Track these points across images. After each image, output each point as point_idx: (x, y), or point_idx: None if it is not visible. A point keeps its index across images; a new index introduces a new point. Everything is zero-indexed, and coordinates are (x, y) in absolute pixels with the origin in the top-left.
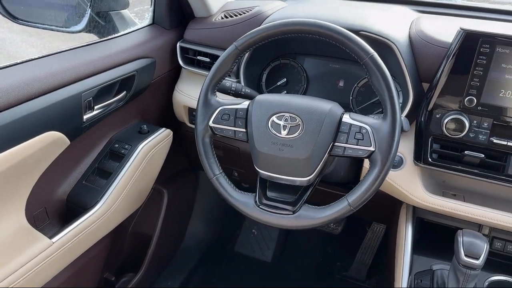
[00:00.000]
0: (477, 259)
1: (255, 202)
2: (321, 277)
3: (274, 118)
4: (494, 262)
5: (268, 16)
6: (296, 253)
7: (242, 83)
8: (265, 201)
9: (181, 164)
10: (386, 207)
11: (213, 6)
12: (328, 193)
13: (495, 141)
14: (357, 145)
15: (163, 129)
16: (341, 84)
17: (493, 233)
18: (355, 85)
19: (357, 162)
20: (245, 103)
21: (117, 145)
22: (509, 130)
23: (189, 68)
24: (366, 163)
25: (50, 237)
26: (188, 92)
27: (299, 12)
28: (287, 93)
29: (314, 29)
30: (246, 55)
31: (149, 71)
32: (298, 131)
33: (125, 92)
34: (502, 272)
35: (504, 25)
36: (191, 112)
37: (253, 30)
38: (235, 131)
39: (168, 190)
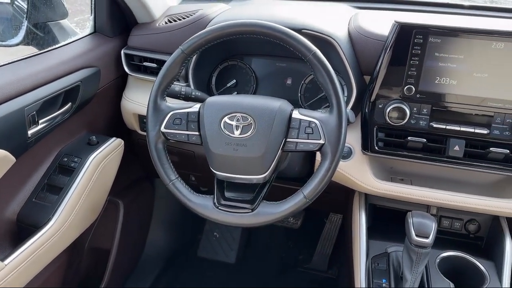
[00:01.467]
0: (427, 238)
1: (214, 203)
2: (285, 272)
3: (226, 119)
4: (444, 240)
5: (212, 19)
6: (259, 251)
7: (192, 87)
8: (223, 202)
9: (135, 173)
10: (340, 197)
11: (155, 11)
12: (286, 188)
13: (434, 125)
14: (308, 139)
15: (114, 138)
16: (289, 82)
17: (441, 213)
18: (302, 82)
19: (310, 156)
20: (196, 106)
21: (66, 159)
22: (447, 115)
23: (135, 75)
24: (318, 156)
25: (2, 260)
26: (136, 99)
27: (243, 14)
28: (237, 94)
29: (258, 30)
30: (194, 58)
31: (94, 81)
32: (251, 130)
33: (70, 103)
34: (452, 248)
35: (436, 16)
36: (142, 119)
37: (198, 33)
38: (188, 134)
39: (124, 201)
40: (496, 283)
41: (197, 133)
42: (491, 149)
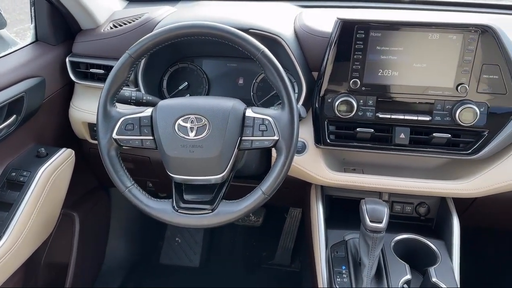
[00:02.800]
0: (381, 223)
1: (173, 207)
2: (249, 270)
3: (180, 121)
4: (397, 224)
5: (159, 22)
6: (223, 253)
7: (142, 91)
8: (183, 205)
9: (90, 184)
10: (298, 191)
11: (99, 16)
12: (245, 187)
13: (380, 116)
14: (263, 136)
15: (63, 149)
16: (241, 81)
17: (392, 198)
18: (254, 81)
19: (266, 153)
20: (148, 111)
21: (14, 174)
22: (392, 105)
23: (82, 83)
24: (274, 152)
25: None
26: (85, 107)
27: (190, 16)
28: (190, 96)
29: (206, 31)
30: (142, 62)
31: (39, 91)
32: (206, 131)
33: (15, 116)
34: (404, 231)
35: (376, 12)
36: (92, 127)
37: (145, 36)
38: (142, 140)
39: (79, 212)
40: (447, 261)
41: (151, 137)
42: (434, 134)
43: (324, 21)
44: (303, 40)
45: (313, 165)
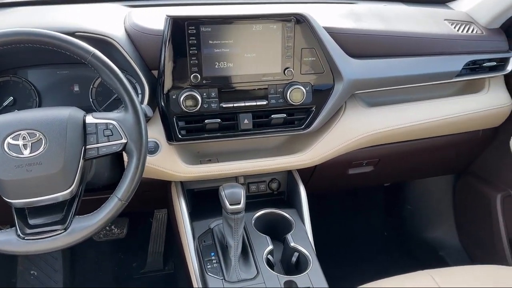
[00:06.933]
0: (239, 204)
1: (18, 235)
2: (122, 284)
3: (9, 140)
4: (255, 202)
5: None
6: (89, 274)
7: None
8: (29, 231)
9: None
10: (159, 191)
11: None
12: (101, 199)
13: (224, 105)
14: (109, 141)
15: None
16: (76, 88)
17: (248, 180)
18: (91, 86)
19: (117, 159)
20: None
21: None
22: (232, 94)
23: None
24: (126, 156)
25: None
26: None
27: (9, 23)
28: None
29: (25, 38)
30: None
31: None
32: (43, 146)
33: None
34: (262, 207)
35: (206, 8)
36: None
37: None
38: None
39: None
40: (300, 226)
41: None
42: (272, 116)
43: (155, 19)
44: (136, 40)
45: (169, 163)
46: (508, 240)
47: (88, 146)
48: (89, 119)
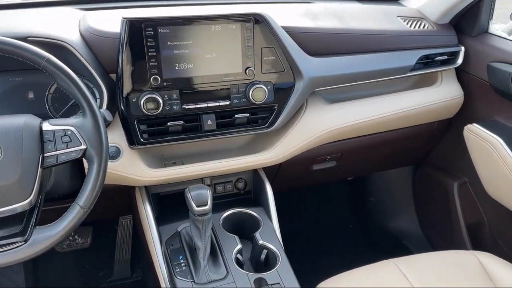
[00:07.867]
0: (206, 205)
1: None
2: None
3: None
4: (222, 203)
5: None
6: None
7: None
8: None
9: None
10: (123, 197)
11: None
12: (64, 208)
13: (186, 107)
14: (68, 148)
15: None
16: (31, 95)
17: (214, 181)
18: (47, 92)
19: (77, 166)
20: None
21: None
22: (194, 95)
23: None
24: (86, 163)
25: None
26: None
27: None
28: None
29: None
30: None
31: None
32: None
33: None
34: (229, 207)
35: (164, 9)
36: None
37: None
38: None
39: None
40: (268, 223)
41: None
42: (235, 116)
43: (111, 22)
44: (92, 43)
45: (132, 168)
46: (466, 226)
47: (46, 154)
48: (46, 126)
